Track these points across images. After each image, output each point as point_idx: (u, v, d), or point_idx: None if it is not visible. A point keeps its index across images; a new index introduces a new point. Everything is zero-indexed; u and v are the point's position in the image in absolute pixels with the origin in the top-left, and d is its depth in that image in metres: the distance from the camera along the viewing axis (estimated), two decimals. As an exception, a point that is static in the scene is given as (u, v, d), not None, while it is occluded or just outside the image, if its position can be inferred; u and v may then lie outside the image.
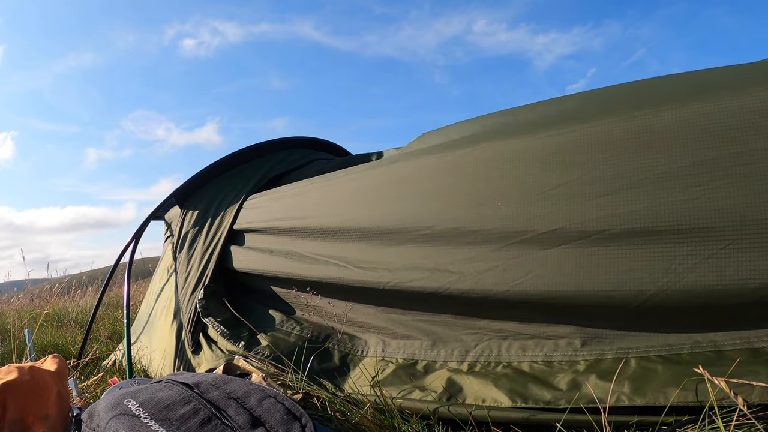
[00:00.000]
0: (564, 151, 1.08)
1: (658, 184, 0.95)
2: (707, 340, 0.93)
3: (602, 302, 0.99)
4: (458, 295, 1.14)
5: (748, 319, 0.91)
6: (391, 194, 1.34)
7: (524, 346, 1.10)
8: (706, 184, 0.91)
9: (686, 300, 0.91)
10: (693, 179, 0.92)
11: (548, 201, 1.06)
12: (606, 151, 1.03)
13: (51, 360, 1.13)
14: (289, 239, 1.56)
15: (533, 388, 0.99)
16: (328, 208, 1.48)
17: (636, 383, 0.90)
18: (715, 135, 0.93)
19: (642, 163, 0.98)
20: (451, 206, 1.19)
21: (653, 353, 0.96)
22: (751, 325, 0.91)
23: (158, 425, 0.78)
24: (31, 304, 4.50)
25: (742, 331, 0.92)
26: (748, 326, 0.91)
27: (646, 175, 0.97)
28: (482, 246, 1.13)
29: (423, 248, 1.22)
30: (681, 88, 1.07)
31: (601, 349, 1.02)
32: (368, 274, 1.28)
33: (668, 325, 0.98)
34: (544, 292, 1.03)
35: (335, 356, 1.33)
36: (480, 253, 1.12)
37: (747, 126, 0.91)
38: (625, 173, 0.99)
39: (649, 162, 0.98)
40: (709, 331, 0.94)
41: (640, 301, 0.94)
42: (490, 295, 1.09)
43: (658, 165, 0.96)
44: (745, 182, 0.88)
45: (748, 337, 0.90)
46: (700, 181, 0.92)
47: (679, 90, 1.07)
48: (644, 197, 0.96)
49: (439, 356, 1.20)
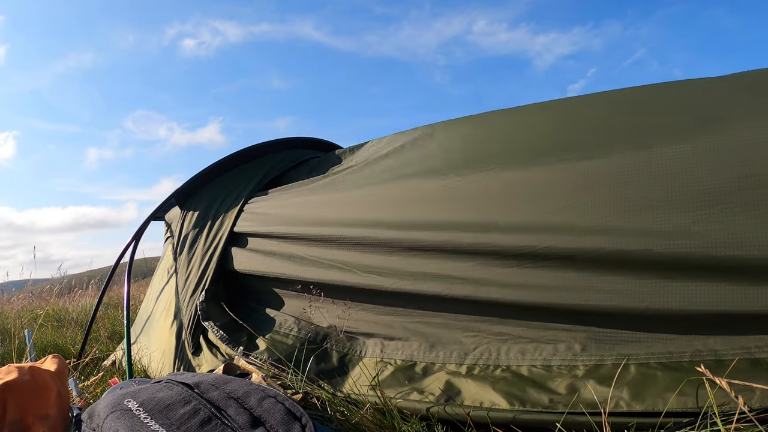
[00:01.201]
0: (573, 183, 1.11)
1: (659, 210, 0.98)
2: (708, 348, 0.94)
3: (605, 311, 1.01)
4: (462, 298, 1.16)
5: (750, 328, 0.91)
6: (398, 209, 1.36)
7: (523, 350, 1.11)
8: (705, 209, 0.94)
9: (686, 309, 0.94)
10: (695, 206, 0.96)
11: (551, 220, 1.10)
12: (606, 185, 1.05)
13: (51, 360, 1.13)
14: (290, 243, 1.57)
15: (531, 391, 0.99)
16: (334, 215, 1.49)
17: (635, 389, 0.90)
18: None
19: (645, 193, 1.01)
20: (454, 226, 1.21)
21: (653, 360, 0.96)
22: (753, 334, 0.91)
23: (158, 425, 0.78)
24: (31, 304, 4.50)
25: (742, 337, 0.92)
26: (749, 334, 0.91)
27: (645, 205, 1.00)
28: (487, 258, 1.16)
29: (428, 257, 1.25)
30: (683, 115, 1.09)
31: (600, 354, 1.02)
32: (373, 279, 1.30)
33: (669, 330, 0.98)
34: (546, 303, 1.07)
35: (333, 357, 1.33)
36: (484, 264, 1.16)
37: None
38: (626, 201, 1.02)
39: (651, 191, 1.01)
40: (710, 338, 0.95)
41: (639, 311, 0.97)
42: (493, 299, 1.13)
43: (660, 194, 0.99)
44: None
45: (749, 348, 0.90)
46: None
47: (682, 118, 1.08)
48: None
49: (438, 358, 1.20)
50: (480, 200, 1.21)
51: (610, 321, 1.03)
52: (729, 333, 0.93)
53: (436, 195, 1.29)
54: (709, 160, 0.96)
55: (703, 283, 0.93)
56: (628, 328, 1.02)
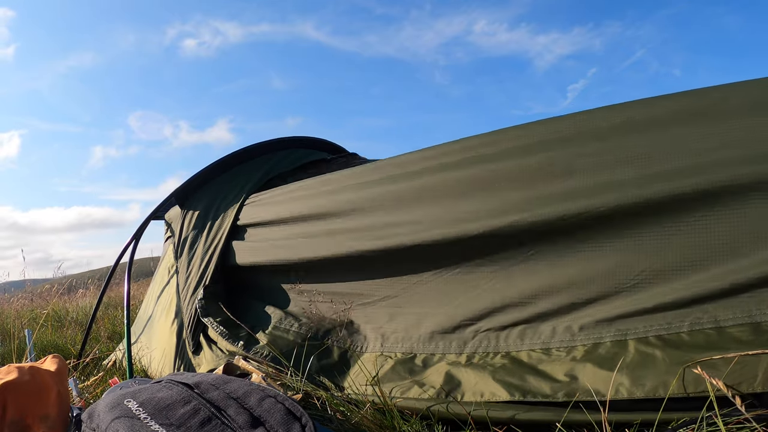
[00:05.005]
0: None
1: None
2: (708, 315, 0.92)
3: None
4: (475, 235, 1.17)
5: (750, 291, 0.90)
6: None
7: (522, 334, 1.10)
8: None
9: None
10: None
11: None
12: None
13: (51, 360, 1.13)
14: (293, 225, 1.58)
15: (531, 379, 0.99)
16: (339, 195, 1.51)
17: (635, 373, 0.89)
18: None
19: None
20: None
21: (652, 333, 0.95)
22: (753, 297, 0.90)
23: (158, 425, 0.78)
24: (31, 304, 4.50)
25: (742, 297, 0.91)
26: (749, 297, 0.90)
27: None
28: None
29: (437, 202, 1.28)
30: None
31: (598, 332, 1.01)
32: (383, 241, 1.32)
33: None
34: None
35: (334, 353, 1.33)
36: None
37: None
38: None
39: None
40: (710, 304, 0.93)
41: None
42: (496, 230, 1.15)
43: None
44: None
45: (750, 310, 0.89)
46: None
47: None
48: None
49: (438, 349, 1.20)
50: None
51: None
52: (729, 296, 0.92)
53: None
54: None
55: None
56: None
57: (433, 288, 1.28)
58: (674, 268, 0.99)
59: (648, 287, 1.00)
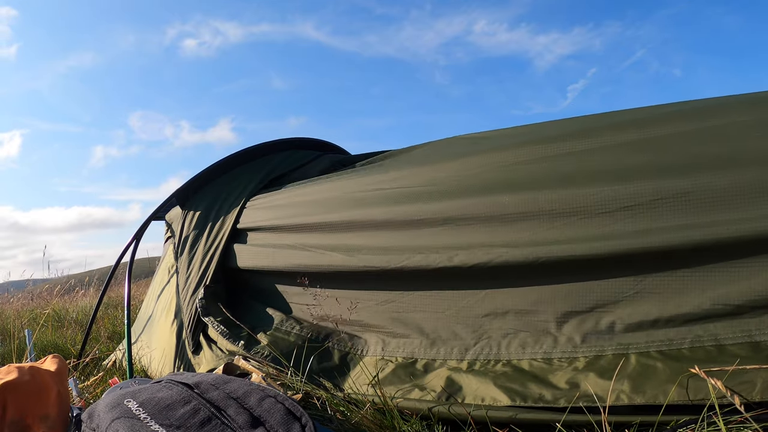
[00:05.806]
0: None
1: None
2: (708, 333, 0.94)
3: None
4: (467, 267, 1.18)
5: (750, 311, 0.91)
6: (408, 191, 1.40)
7: (524, 343, 1.10)
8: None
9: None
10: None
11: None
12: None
13: (51, 360, 1.13)
14: (294, 234, 1.58)
15: (532, 386, 0.99)
16: (336, 206, 1.51)
17: (635, 381, 0.90)
18: None
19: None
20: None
21: (653, 348, 0.96)
22: (753, 317, 0.91)
23: (158, 425, 0.78)
24: (31, 304, 4.50)
25: (743, 319, 0.92)
26: (749, 318, 0.92)
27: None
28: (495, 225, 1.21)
29: (435, 230, 1.29)
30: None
31: (600, 345, 1.02)
32: (377, 260, 1.32)
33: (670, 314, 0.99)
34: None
35: (335, 355, 1.33)
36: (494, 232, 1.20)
37: None
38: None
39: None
40: (710, 323, 0.95)
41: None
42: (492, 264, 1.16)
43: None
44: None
45: (749, 330, 0.90)
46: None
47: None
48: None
49: (439, 354, 1.20)
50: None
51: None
52: (730, 317, 0.94)
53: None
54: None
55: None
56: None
57: (435, 294, 1.28)
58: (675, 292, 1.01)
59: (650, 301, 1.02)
